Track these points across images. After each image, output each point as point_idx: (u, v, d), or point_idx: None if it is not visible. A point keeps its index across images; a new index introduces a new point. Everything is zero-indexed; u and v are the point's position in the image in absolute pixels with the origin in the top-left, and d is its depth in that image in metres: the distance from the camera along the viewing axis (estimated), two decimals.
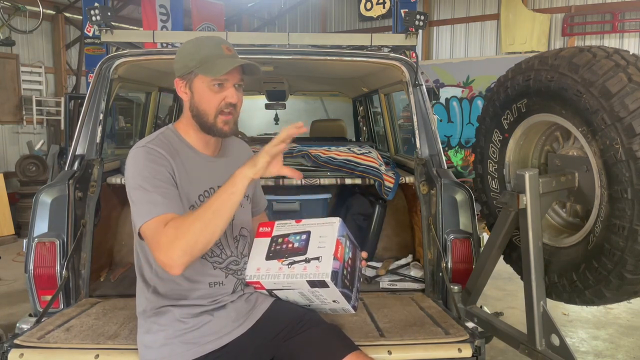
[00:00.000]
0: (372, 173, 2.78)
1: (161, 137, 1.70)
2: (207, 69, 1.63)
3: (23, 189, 7.95)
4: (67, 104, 4.18)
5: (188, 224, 1.45)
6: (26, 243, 2.33)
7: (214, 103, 1.66)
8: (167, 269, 1.46)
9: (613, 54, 1.69)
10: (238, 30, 12.91)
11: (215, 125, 1.68)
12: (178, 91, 1.71)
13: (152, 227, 1.48)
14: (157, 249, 1.46)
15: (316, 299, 1.71)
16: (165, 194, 1.54)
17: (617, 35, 9.41)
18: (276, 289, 1.75)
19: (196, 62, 1.64)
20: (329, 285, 1.60)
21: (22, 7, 8.91)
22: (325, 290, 1.62)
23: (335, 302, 1.70)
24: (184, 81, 1.69)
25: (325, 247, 1.65)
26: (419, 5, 10.20)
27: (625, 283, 1.66)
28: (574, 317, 4.35)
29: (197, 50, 1.66)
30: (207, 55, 1.64)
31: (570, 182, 1.87)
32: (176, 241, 1.43)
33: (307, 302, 1.75)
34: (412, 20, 2.72)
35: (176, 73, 1.71)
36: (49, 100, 10.28)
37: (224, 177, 1.74)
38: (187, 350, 1.63)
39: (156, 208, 1.51)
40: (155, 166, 1.59)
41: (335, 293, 1.63)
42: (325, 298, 1.68)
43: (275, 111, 5.81)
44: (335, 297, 1.66)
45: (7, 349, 1.77)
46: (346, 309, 1.72)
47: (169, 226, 1.46)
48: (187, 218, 1.47)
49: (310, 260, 1.63)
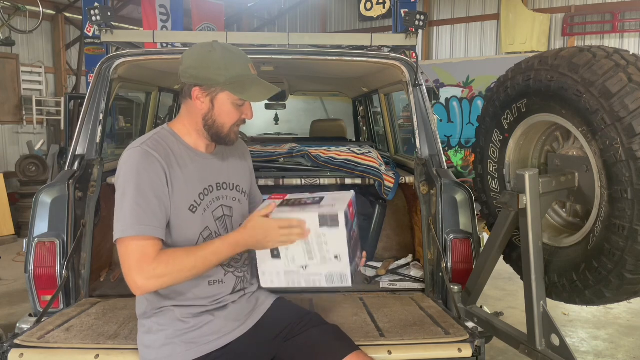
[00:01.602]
0: (372, 173, 2.78)
1: (156, 138, 1.69)
2: (239, 90, 1.65)
3: (23, 189, 7.95)
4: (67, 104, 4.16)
5: (178, 270, 1.53)
6: (26, 243, 2.33)
7: (234, 119, 1.70)
8: (133, 289, 1.53)
9: (613, 54, 1.69)
10: (238, 30, 12.91)
11: (228, 136, 1.72)
12: (193, 98, 1.67)
13: (135, 246, 1.53)
14: (139, 271, 1.51)
15: (318, 252, 1.63)
16: (150, 210, 1.56)
17: (617, 35, 9.41)
18: None
19: (226, 79, 1.63)
20: (339, 224, 1.57)
21: (22, 7, 8.91)
22: (333, 233, 1.59)
23: (336, 260, 1.62)
24: (205, 92, 1.66)
25: (338, 201, 1.65)
26: (419, 5, 10.20)
27: (625, 283, 1.66)
28: (574, 317, 4.35)
29: (225, 66, 1.63)
30: (238, 75, 1.65)
31: (570, 182, 1.87)
32: (161, 278, 1.52)
33: (307, 255, 1.65)
34: (412, 20, 2.72)
35: (193, 80, 1.65)
36: (49, 100, 10.29)
37: (221, 173, 1.77)
38: (188, 350, 1.63)
39: (139, 226, 1.53)
40: (148, 174, 1.59)
41: (342, 240, 1.59)
42: (328, 248, 1.62)
43: (275, 111, 5.81)
44: (339, 247, 1.60)
45: (7, 349, 1.77)
46: (344, 275, 1.64)
47: (160, 260, 1.52)
48: (180, 261, 1.53)
49: (324, 206, 1.63)
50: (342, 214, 1.57)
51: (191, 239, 1.66)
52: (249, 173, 1.95)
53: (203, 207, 1.69)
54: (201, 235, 1.68)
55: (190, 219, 1.66)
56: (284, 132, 5.79)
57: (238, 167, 1.88)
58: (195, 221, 1.67)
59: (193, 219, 1.66)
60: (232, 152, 1.87)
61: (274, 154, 3.04)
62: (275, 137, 5.28)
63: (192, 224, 1.66)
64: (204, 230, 1.69)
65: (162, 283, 1.54)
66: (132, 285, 1.52)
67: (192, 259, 1.53)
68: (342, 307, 2.29)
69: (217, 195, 1.74)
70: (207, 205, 1.70)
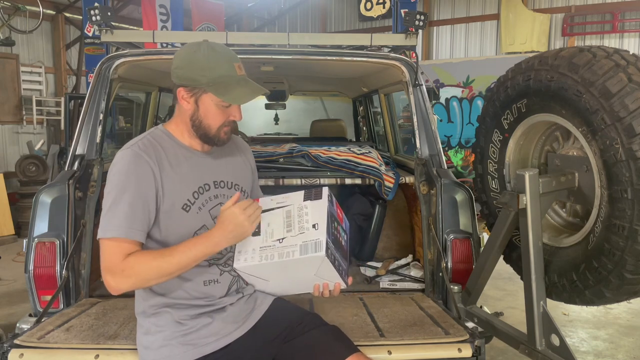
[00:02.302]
0: (372, 173, 2.78)
1: (149, 138, 1.69)
2: (222, 92, 1.62)
3: (23, 189, 7.95)
4: (67, 104, 4.17)
5: (145, 271, 1.54)
6: (26, 243, 2.33)
7: (220, 120, 1.67)
8: (108, 289, 1.56)
9: (613, 54, 1.69)
10: (238, 30, 12.91)
11: (217, 137, 1.70)
12: (179, 99, 1.67)
13: (111, 247, 1.55)
14: (110, 272, 1.54)
15: (297, 224, 1.62)
16: (132, 213, 1.56)
17: (617, 35, 9.41)
18: (268, 209, 1.68)
19: (208, 80, 1.61)
20: (322, 196, 1.63)
21: (22, 7, 8.91)
22: (315, 204, 1.63)
23: (314, 228, 1.59)
24: (190, 93, 1.65)
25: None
26: (419, 5, 10.20)
27: (625, 283, 1.66)
28: (574, 317, 4.35)
29: (209, 66, 1.61)
30: (221, 76, 1.62)
31: (570, 182, 1.87)
32: (132, 277, 1.53)
33: (286, 228, 1.63)
34: (412, 20, 2.72)
35: (178, 80, 1.65)
36: (49, 100, 10.29)
37: (218, 171, 1.76)
38: (186, 351, 1.63)
39: (119, 228, 1.55)
40: (136, 177, 1.59)
41: (322, 211, 1.61)
42: (308, 218, 1.61)
43: (275, 111, 5.81)
44: (319, 217, 1.60)
45: (7, 349, 1.77)
46: (319, 242, 1.57)
47: (128, 261, 1.53)
48: (146, 262, 1.54)
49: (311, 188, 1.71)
50: (327, 189, 1.65)
51: (185, 237, 1.63)
52: (250, 172, 1.93)
53: (198, 206, 1.68)
54: (196, 234, 1.66)
55: (184, 218, 1.65)
56: (284, 132, 5.79)
57: (238, 166, 1.87)
58: (189, 220, 1.66)
59: (187, 218, 1.66)
60: (233, 151, 1.86)
61: (274, 154, 3.04)
62: (275, 137, 5.28)
63: (186, 222, 1.66)
64: (201, 229, 1.68)
65: (132, 282, 1.55)
66: (106, 284, 1.56)
67: (160, 260, 1.54)
68: (342, 307, 2.29)
69: (215, 194, 1.73)
70: (202, 203, 1.69)
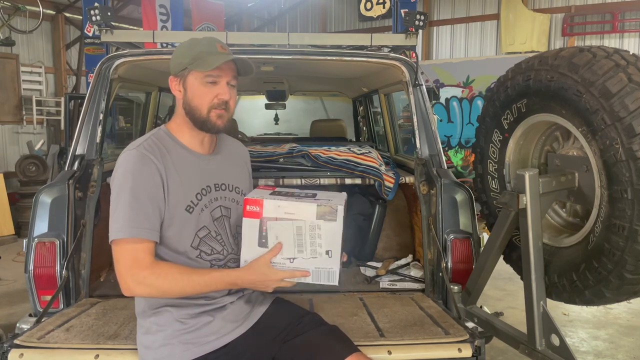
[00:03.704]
0: (372, 173, 2.78)
1: (153, 139, 1.71)
2: (199, 64, 1.66)
3: (23, 189, 7.96)
4: (67, 104, 4.16)
5: (168, 286, 1.57)
6: (26, 243, 2.33)
7: (207, 99, 1.69)
8: (122, 290, 1.59)
9: (613, 54, 1.69)
10: (238, 30, 12.91)
11: (208, 119, 1.70)
12: (172, 89, 1.74)
13: (126, 248, 1.57)
14: (128, 274, 1.56)
15: (309, 245, 1.56)
16: (143, 213, 1.58)
17: (617, 35, 9.41)
18: (275, 217, 1.58)
19: (189, 59, 1.67)
20: (337, 218, 1.53)
21: (22, 7, 8.92)
22: (329, 227, 1.53)
23: (327, 255, 1.55)
24: (178, 79, 1.72)
25: (335, 197, 1.62)
26: (419, 5, 10.20)
27: (625, 283, 1.66)
28: (574, 317, 4.35)
29: (190, 48, 1.69)
30: (200, 52, 1.67)
31: (570, 182, 1.87)
32: (149, 287, 1.57)
33: (297, 248, 1.58)
34: (412, 20, 2.72)
35: (171, 72, 1.74)
36: (49, 100, 10.29)
37: (219, 174, 1.77)
38: (186, 350, 1.63)
39: (132, 229, 1.56)
40: (143, 177, 1.61)
41: (337, 236, 1.54)
42: (321, 242, 1.55)
43: (275, 111, 5.81)
44: (333, 243, 1.54)
45: (7, 349, 1.77)
46: (333, 272, 1.57)
47: (154, 270, 1.56)
48: (172, 278, 1.57)
49: (321, 199, 1.60)
50: (342, 208, 1.55)
51: (187, 238, 1.68)
52: (247, 176, 1.96)
53: (200, 207, 1.70)
54: (197, 234, 1.70)
55: (187, 219, 1.68)
56: (284, 132, 5.80)
57: (237, 170, 1.89)
58: (192, 221, 1.69)
59: (190, 219, 1.68)
60: (232, 155, 1.89)
61: (274, 154, 3.04)
62: (275, 137, 5.28)
63: (189, 223, 1.68)
64: (201, 230, 1.70)
65: (149, 291, 1.59)
66: (123, 286, 1.58)
67: (185, 281, 1.57)
68: (342, 307, 2.29)
69: (216, 196, 1.75)
70: (204, 205, 1.71)
